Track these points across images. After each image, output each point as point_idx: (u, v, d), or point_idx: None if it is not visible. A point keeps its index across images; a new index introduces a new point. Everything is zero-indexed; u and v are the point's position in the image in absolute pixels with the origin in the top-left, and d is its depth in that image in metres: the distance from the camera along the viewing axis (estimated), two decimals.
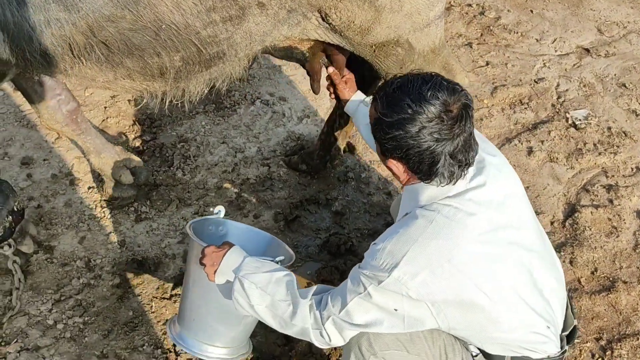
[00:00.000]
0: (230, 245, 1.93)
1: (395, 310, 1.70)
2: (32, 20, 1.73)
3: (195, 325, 2.13)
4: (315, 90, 2.58)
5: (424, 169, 1.67)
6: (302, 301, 1.78)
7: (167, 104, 2.12)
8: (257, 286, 1.81)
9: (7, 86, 3.46)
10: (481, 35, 4.08)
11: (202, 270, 1.92)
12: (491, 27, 4.11)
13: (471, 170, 1.75)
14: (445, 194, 1.72)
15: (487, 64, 3.87)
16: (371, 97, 2.33)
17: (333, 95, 2.43)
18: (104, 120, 3.41)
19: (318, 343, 1.81)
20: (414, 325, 1.72)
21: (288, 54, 2.27)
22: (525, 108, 3.58)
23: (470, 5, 4.30)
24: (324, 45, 2.17)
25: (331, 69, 2.37)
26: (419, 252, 1.65)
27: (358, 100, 2.34)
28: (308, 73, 2.49)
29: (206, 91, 2.10)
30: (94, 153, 2.84)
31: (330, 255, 2.84)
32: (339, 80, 2.36)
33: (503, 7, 4.28)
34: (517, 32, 4.08)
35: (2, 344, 2.47)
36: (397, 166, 1.73)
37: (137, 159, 3.04)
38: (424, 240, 1.66)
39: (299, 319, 1.78)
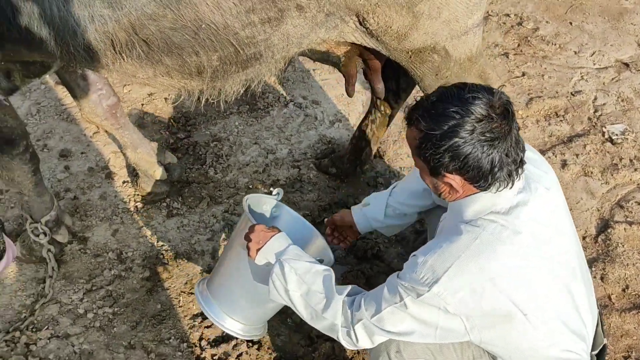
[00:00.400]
0: (279, 230, 1.97)
1: (429, 322, 1.69)
2: (76, 16, 1.79)
3: (221, 292, 2.19)
4: (349, 93, 2.60)
5: (484, 174, 1.62)
6: (336, 296, 1.79)
7: (203, 102, 2.16)
8: (296, 272, 1.83)
9: (50, 80, 3.57)
10: (518, 45, 4.04)
11: (245, 244, 1.96)
12: (529, 38, 4.07)
13: (519, 182, 1.71)
14: (490, 208, 1.69)
15: (523, 74, 3.83)
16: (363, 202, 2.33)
17: (343, 245, 2.46)
18: (140, 116, 3.49)
19: (345, 342, 1.82)
20: (446, 337, 1.72)
21: (324, 56, 2.29)
22: (561, 121, 3.53)
23: (508, 15, 4.26)
24: (360, 50, 2.19)
25: (328, 230, 2.43)
26: (462, 270, 1.63)
27: (362, 214, 2.32)
28: (344, 76, 2.52)
29: (242, 91, 2.13)
30: (130, 147, 2.91)
31: (357, 259, 2.85)
32: (338, 236, 2.42)
33: (542, 18, 4.23)
34: (555, 44, 4.03)
35: (34, 330, 2.55)
36: (454, 180, 1.66)
37: (171, 156, 3.10)
38: (467, 257, 1.63)
39: (331, 314, 1.79)
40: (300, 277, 1.82)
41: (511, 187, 1.67)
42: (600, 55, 3.96)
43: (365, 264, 2.81)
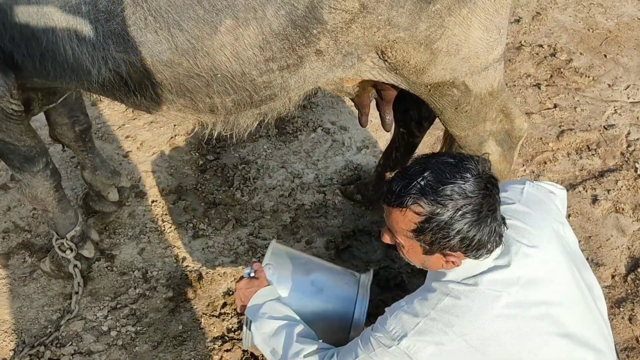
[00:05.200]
0: (264, 284, 2.03)
1: None
2: (90, 57, 1.85)
3: None
4: (362, 123, 2.61)
5: (483, 243, 1.60)
6: (299, 355, 1.82)
7: (215, 133, 2.18)
8: (261, 333, 1.91)
9: (86, 99, 3.68)
10: (551, 76, 4.00)
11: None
12: (562, 69, 4.03)
13: (498, 249, 1.69)
14: (469, 273, 1.67)
15: (555, 106, 3.79)
16: None
17: None
18: (172, 137, 3.57)
19: None
20: None
21: (338, 87, 2.30)
22: (593, 154, 3.47)
23: (541, 46, 4.23)
24: (373, 81, 2.20)
25: None
26: (430, 326, 1.63)
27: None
28: (356, 106, 2.53)
29: (255, 125, 2.16)
30: (89, 169, 2.99)
31: (379, 288, 2.83)
32: None
33: (576, 49, 4.19)
34: (588, 76, 3.98)
35: (58, 345, 2.60)
36: (458, 257, 1.63)
37: (126, 179, 3.18)
38: (436, 314, 1.64)
39: None
40: (264, 338, 1.91)
41: (490, 254, 1.66)
42: (634, 89, 3.89)
43: (387, 293, 2.80)
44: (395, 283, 2.84)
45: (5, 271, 2.87)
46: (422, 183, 1.56)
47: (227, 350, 2.59)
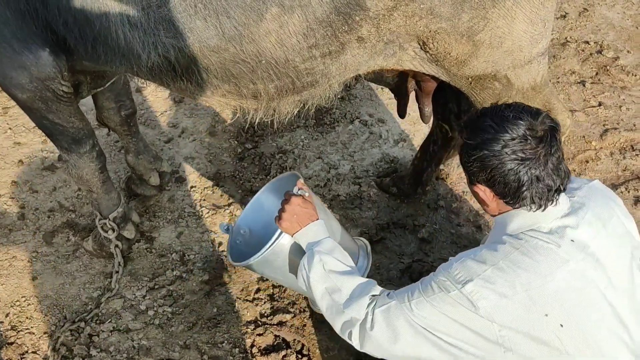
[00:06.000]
0: (317, 216, 1.98)
1: (459, 321, 1.66)
2: (141, 42, 1.90)
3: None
4: (401, 114, 2.60)
5: (510, 191, 1.67)
6: (364, 294, 1.79)
7: (256, 120, 2.20)
8: (324, 267, 1.85)
9: (134, 84, 3.78)
10: (596, 74, 3.91)
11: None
12: (608, 67, 3.93)
13: (564, 205, 1.72)
14: (534, 225, 1.70)
15: (600, 104, 3.71)
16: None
17: None
18: (212, 125, 3.63)
19: (355, 335, 1.78)
20: (477, 347, 1.66)
21: (378, 77, 2.30)
22: (637, 155, 3.39)
23: (587, 42, 4.14)
24: (413, 71, 2.19)
25: None
26: (497, 275, 1.64)
27: None
28: (395, 97, 2.52)
29: (295, 112, 2.18)
30: (133, 153, 3.08)
31: (411, 281, 2.83)
32: None
33: (623, 47, 4.08)
34: (635, 75, 3.88)
35: (97, 322, 2.69)
36: (485, 191, 1.74)
37: (167, 165, 3.25)
38: (505, 264, 1.65)
39: (355, 309, 1.77)
40: (327, 273, 1.84)
41: (544, 210, 1.67)
42: None
43: None
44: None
45: (50, 249, 2.98)
46: (474, 116, 1.74)
47: (259, 335, 2.64)
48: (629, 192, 3.18)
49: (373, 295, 1.80)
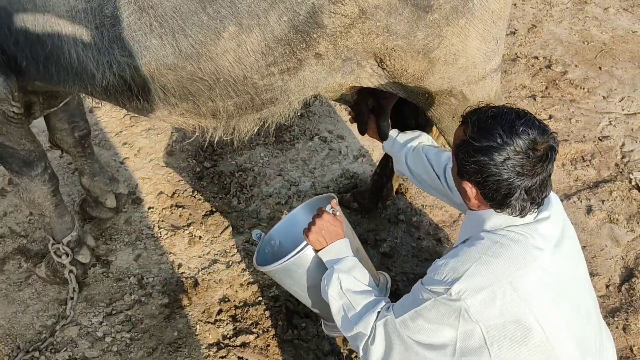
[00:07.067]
0: (343, 234, 2.07)
1: (449, 326, 1.71)
2: (95, 61, 1.87)
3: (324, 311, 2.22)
4: (361, 131, 2.63)
5: (498, 198, 1.71)
6: (371, 312, 1.87)
7: (216, 138, 2.20)
8: (341, 285, 1.94)
9: (88, 104, 3.69)
10: (546, 88, 4.04)
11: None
12: (557, 81, 4.07)
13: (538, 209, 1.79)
14: (511, 223, 1.75)
15: (550, 117, 3.83)
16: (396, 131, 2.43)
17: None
18: (169, 144, 3.57)
19: (362, 351, 1.87)
20: (465, 353, 1.71)
21: (337, 95, 2.33)
22: (587, 165, 3.50)
23: (537, 57, 4.28)
24: (372, 88, 2.22)
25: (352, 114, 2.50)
26: (481, 270, 1.68)
27: (392, 138, 2.45)
28: (355, 114, 2.55)
29: (255, 130, 2.18)
30: (88, 175, 3.00)
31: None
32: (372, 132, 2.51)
33: (571, 62, 4.23)
34: (583, 88, 4.02)
35: (52, 351, 2.59)
36: (471, 190, 1.77)
37: (123, 186, 3.18)
38: (487, 258, 1.69)
39: (362, 325, 1.86)
40: (342, 291, 1.93)
41: (522, 217, 1.74)
42: (629, 101, 3.93)
43: None
44: (390, 291, 2.83)
45: (1, 276, 2.86)
46: (484, 115, 1.72)
47: (222, 357, 2.58)
48: (581, 201, 3.28)
49: (379, 312, 1.87)
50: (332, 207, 2.12)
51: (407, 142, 2.39)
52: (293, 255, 2.09)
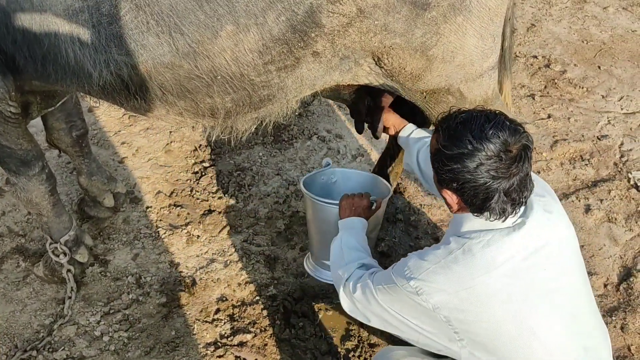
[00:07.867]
0: (366, 215, 2.32)
1: (413, 311, 1.80)
2: (92, 60, 1.86)
3: (319, 250, 2.60)
4: (358, 130, 2.63)
5: (477, 202, 1.71)
6: (354, 264, 2.09)
7: (214, 137, 2.21)
8: (341, 241, 2.21)
9: (86, 103, 3.69)
10: (545, 87, 4.04)
11: (323, 213, 2.44)
12: (556, 80, 4.07)
13: (520, 212, 1.78)
14: (485, 227, 1.75)
15: (549, 116, 3.82)
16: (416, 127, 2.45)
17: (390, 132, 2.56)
18: (167, 144, 3.57)
19: (343, 294, 2.04)
20: (434, 334, 1.81)
21: (335, 94, 2.33)
22: (586, 164, 3.50)
23: (536, 57, 4.27)
24: (370, 86, 2.22)
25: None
26: (440, 272, 1.72)
27: (409, 132, 2.46)
28: (352, 113, 2.55)
29: (253, 129, 2.19)
30: (85, 174, 2.99)
31: None
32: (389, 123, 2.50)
33: (570, 61, 4.23)
34: (582, 87, 4.02)
35: (50, 350, 2.58)
36: (451, 197, 1.78)
37: (121, 185, 3.17)
38: (447, 262, 1.73)
39: (346, 270, 2.08)
40: (341, 247, 2.19)
41: (504, 221, 1.73)
42: (628, 100, 3.93)
43: None
44: None
45: None
46: (453, 121, 1.72)
47: (219, 357, 2.58)
48: (579, 200, 3.28)
49: (362, 264, 2.08)
50: (375, 199, 2.37)
51: (423, 137, 2.39)
52: (327, 203, 2.43)
